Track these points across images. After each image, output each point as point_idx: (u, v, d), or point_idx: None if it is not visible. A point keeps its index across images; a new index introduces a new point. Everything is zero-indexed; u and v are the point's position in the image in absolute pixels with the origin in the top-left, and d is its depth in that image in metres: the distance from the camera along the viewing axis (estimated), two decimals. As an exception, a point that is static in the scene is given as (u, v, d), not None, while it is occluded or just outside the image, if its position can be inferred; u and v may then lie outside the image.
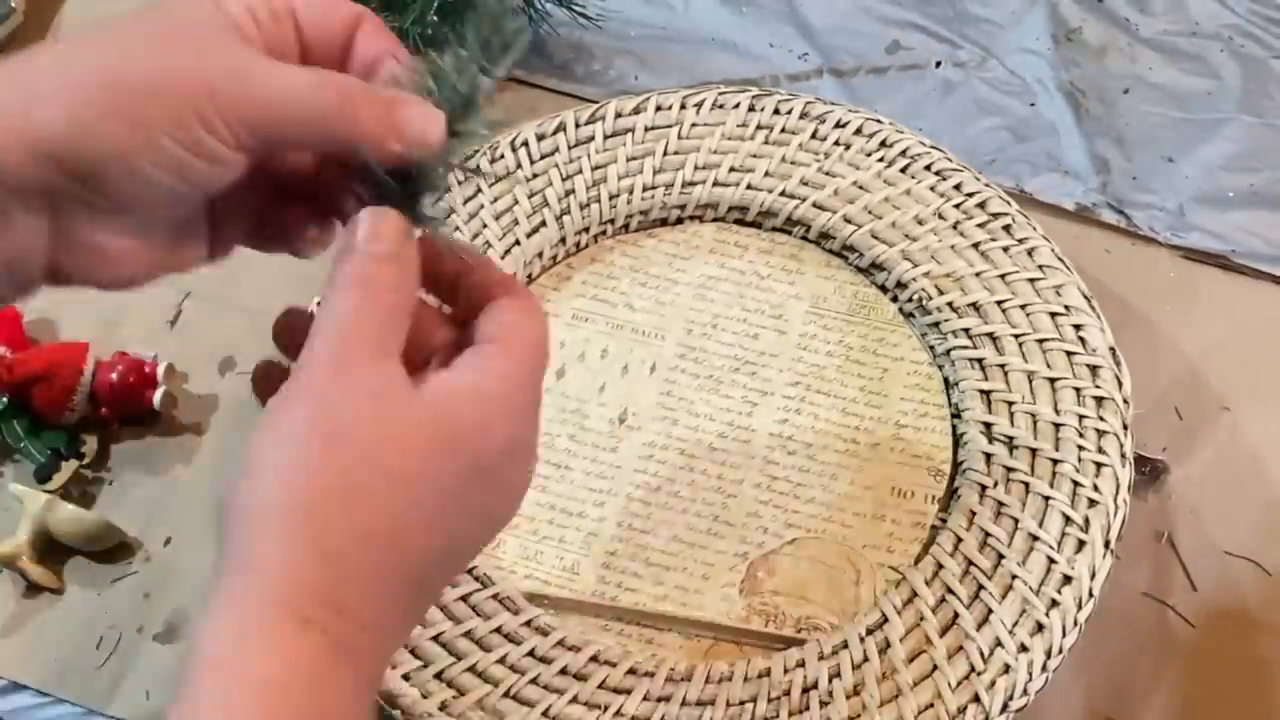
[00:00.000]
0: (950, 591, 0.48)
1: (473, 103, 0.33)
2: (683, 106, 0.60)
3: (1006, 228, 0.56)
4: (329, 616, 0.28)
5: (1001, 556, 0.48)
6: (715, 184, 0.59)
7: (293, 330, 0.35)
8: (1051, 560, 0.48)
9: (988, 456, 0.51)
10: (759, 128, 0.60)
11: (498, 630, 0.48)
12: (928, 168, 0.58)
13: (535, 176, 0.59)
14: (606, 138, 0.60)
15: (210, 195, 0.33)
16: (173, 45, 0.31)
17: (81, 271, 0.33)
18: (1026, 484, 0.50)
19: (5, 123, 0.30)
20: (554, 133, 0.60)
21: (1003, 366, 0.53)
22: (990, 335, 0.54)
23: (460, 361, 0.32)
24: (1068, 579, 0.48)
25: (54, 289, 0.33)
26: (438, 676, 0.48)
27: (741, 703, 0.47)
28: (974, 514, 0.50)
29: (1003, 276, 0.55)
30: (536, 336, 0.33)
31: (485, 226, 0.58)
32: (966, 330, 0.54)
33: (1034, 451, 0.50)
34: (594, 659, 0.48)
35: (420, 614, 0.35)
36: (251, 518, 0.30)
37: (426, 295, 0.34)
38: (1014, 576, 0.48)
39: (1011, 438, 0.51)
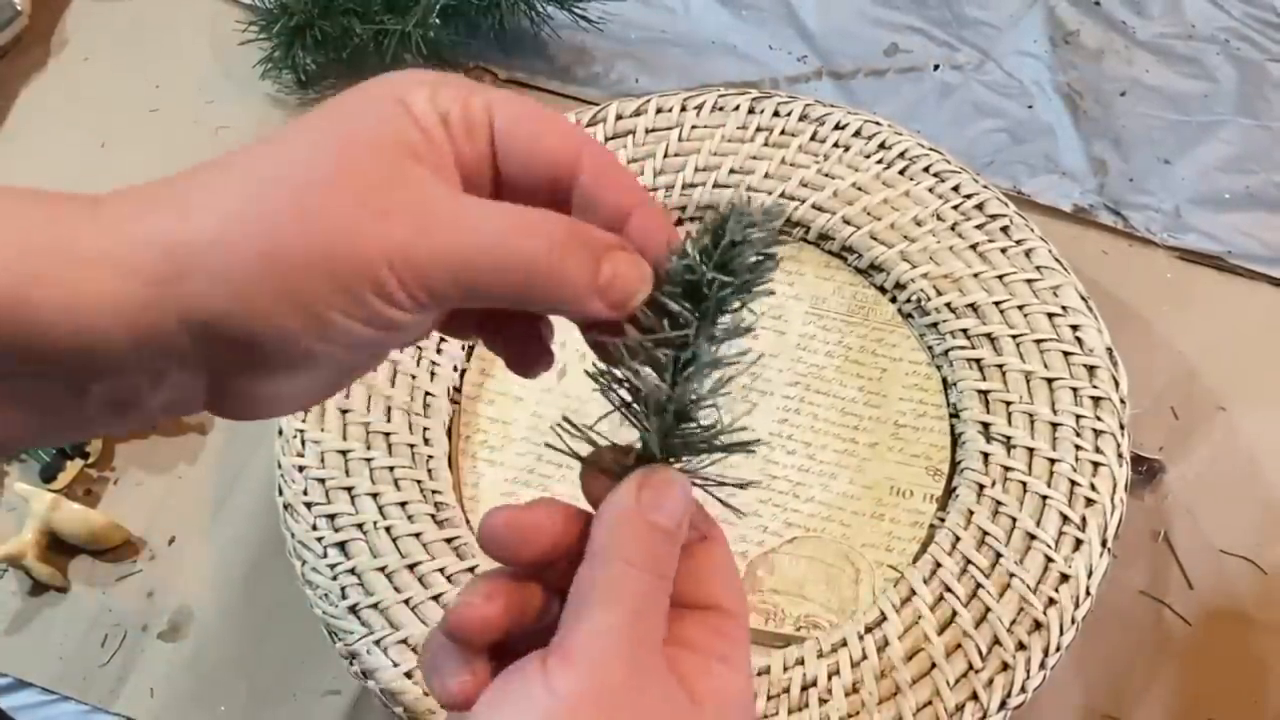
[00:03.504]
0: (948, 590, 0.48)
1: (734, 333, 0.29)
2: (683, 109, 0.61)
3: (1004, 229, 0.57)
4: None
5: (999, 555, 0.49)
6: (715, 185, 0.59)
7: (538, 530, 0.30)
8: (1049, 559, 0.48)
9: (985, 456, 0.51)
10: (759, 130, 0.60)
11: (500, 628, 0.49)
12: (926, 169, 0.59)
13: (537, 178, 0.59)
14: (607, 139, 0.60)
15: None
16: (343, 194, 0.26)
17: (240, 413, 0.29)
18: (1024, 483, 0.50)
19: (158, 290, 0.26)
20: (555, 135, 0.60)
21: (1000, 367, 0.53)
22: (988, 336, 0.54)
23: (706, 641, 0.29)
24: (1065, 577, 0.48)
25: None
26: (440, 674, 0.48)
27: (741, 700, 0.47)
28: (972, 513, 0.50)
29: (1000, 277, 0.55)
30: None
31: (487, 228, 0.58)
32: (964, 331, 0.54)
33: (1031, 451, 0.51)
34: (595, 656, 0.48)
35: None
36: None
37: None
38: (1011, 575, 0.48)
39: (1009, 437, 0.51)
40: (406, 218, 0.26)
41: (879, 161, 0.59)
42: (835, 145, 0.60)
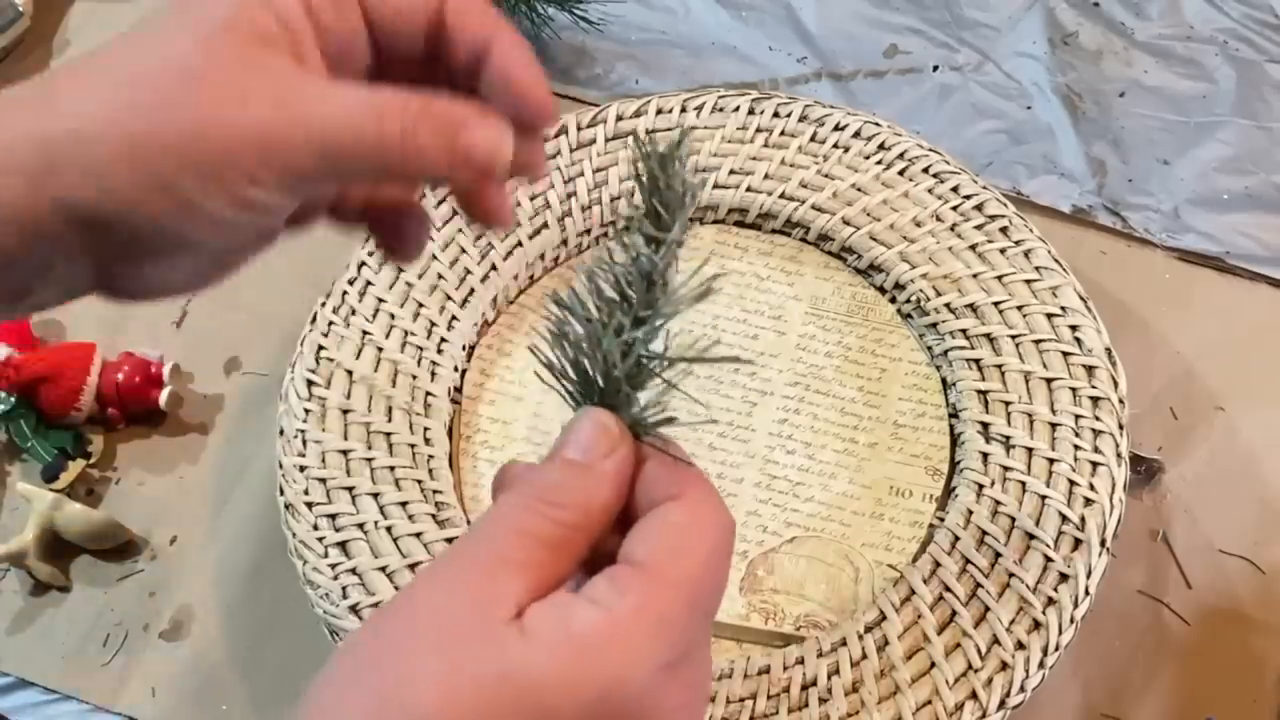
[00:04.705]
0: (948, 589, 0.49)
1: (665, 281, 0.29)
2: (683, 109, 0.61)
3: (1004, 230, 0.57)
4: None
5: (998, 555, 0.49)
6: (715, 186, 0.59)
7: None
8: (1048, 559, 0.49)
9: (985, 456, 0.52)
10: (759, 131, 0.60)
11: (500, 627, 0.49)
12: (926, 170, 0.59)
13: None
14: (608, 140, 0.61)
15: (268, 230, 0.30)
16: (205, 83, 0.27)
17: (130, 296, 0.30)
18: (1023, 483, 0.50)
19: (32, 182, 0.27)
20: (556, 135, 0.61)
21: (1000, 367, 0.53)
22: (987, 336, 0.54)
23: (588, 588, 0.26)
24: (1064, 577, 0.48)
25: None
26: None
27: (741, 699, 0.47)
28: (971, 513, 0.50)
29: (1000, 278, 0.55)
30: (696, 562, 0.26)
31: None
32: (964, 331, 0.55)
33: (1030, 451, 0.51)
34: (596, 656, 0.48)
35: None
36: None
37: None
38: (1011, 575, 0.48)
39: (1008, 437, 0.52)
40: (264, 103, 0.27)
41: (878, 162, 0.59)
42: (835, 146, 0.60)
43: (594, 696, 0.25)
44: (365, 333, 0.55)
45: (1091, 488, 0.50)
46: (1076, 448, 0.51)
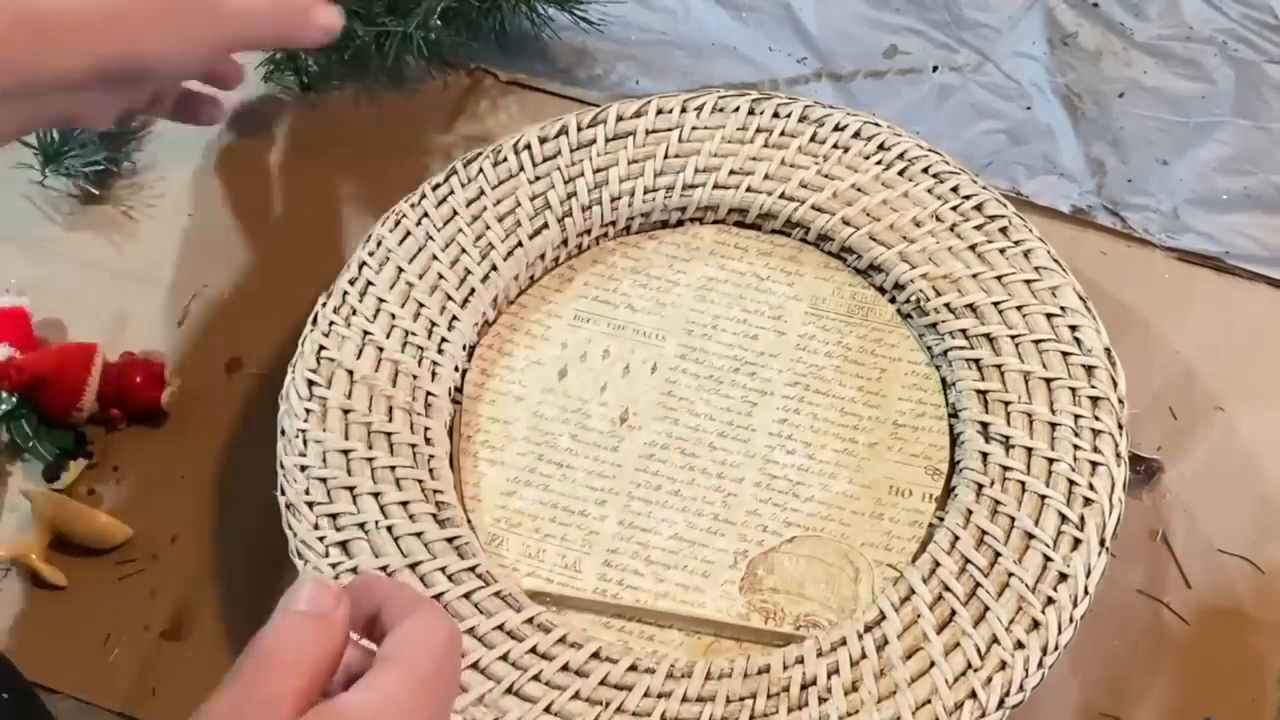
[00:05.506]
0: (947, 589, 0.49)
1: None
2: (683, 110, 0.61)
3: (1003, 230, 0.57)
4: None
5: (998, 554, 0.49)
6: (715, 186, 0.59)
7: None
8: (1047, 558, 0.49)
9: (984, 456, 0.52)
10: (758, 131, 0.60)
11: (499, 627, 0.49)
12: (925, 170, 0.59)
13: (538, 179, 0.60)
14: (608, 141, 0.61)
15: None
16: None
17: None
18: (1023, 483, 0.50)
19: None
20: (556, 136, 0.61)
21: (999, 367, 0.53)
22: (987, 336, 0.54)
23: (359, 682, 0.33)
24: (1063, 576, 0.48)
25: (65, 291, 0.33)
26: (442, 672, 0.48)
27: (741, 699, 0.47)
28: (971, 512, 0.50)
29: (999, 278, 0.56)
30: (428, 654, 0.34)
31: (488, 228, 0.58)
32: (964, 331, 0.55)
33: (1030, 451, 0.51)
34: (595, 655, 0.48)
35: None
36: None
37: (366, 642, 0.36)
38: (1010, 574, 0.48)
39: (1008, 437, 0.52)
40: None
41: (878, 163, 0.59)
42: (835, 146, 0.60)
43: None
44: (366, 333, 0.55)
45: (1091, 487, 0.50)
46: (1076, 448, 0.51)
